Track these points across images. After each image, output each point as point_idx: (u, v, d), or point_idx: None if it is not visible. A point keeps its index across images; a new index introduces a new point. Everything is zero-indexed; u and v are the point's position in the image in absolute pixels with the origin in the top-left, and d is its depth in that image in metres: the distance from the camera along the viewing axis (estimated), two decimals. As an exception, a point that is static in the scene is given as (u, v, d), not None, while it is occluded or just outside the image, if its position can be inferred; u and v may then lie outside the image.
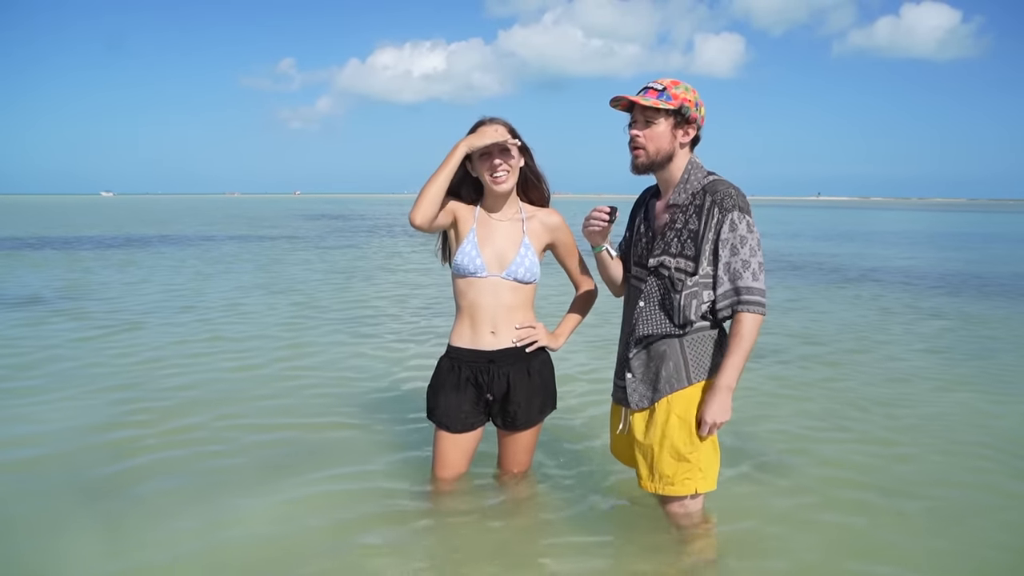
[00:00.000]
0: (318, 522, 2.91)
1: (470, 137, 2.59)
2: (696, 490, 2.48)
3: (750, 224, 2.36)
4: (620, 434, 2.66)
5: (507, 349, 2.72)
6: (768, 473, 3.46)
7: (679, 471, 2.45)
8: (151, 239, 19.71)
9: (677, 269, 2.41)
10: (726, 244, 2.34)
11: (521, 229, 2.73)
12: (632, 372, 2.54)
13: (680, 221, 2.43)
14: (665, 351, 2.47)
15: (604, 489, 3.24)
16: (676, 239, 2.42)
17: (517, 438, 2.87)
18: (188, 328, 6.89)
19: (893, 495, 3.22)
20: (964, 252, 18.48)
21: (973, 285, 11.20)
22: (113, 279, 10.70)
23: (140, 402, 4.43)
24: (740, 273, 2.34)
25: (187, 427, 4.01)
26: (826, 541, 2.83)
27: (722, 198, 2.35)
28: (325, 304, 8.57)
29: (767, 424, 4.16)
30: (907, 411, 4.48)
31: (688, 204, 2.42)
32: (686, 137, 2.42)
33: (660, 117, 2.39)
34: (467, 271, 2.67)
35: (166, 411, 4.28)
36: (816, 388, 5.01)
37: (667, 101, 2.36)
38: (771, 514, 3.02)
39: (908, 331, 7.26)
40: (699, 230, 2.37)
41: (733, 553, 2.68)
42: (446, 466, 2.87)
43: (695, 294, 2.40)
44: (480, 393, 2.77)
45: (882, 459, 3.67)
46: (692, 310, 2.40)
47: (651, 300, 2.49)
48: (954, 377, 5.40)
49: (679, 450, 2.43)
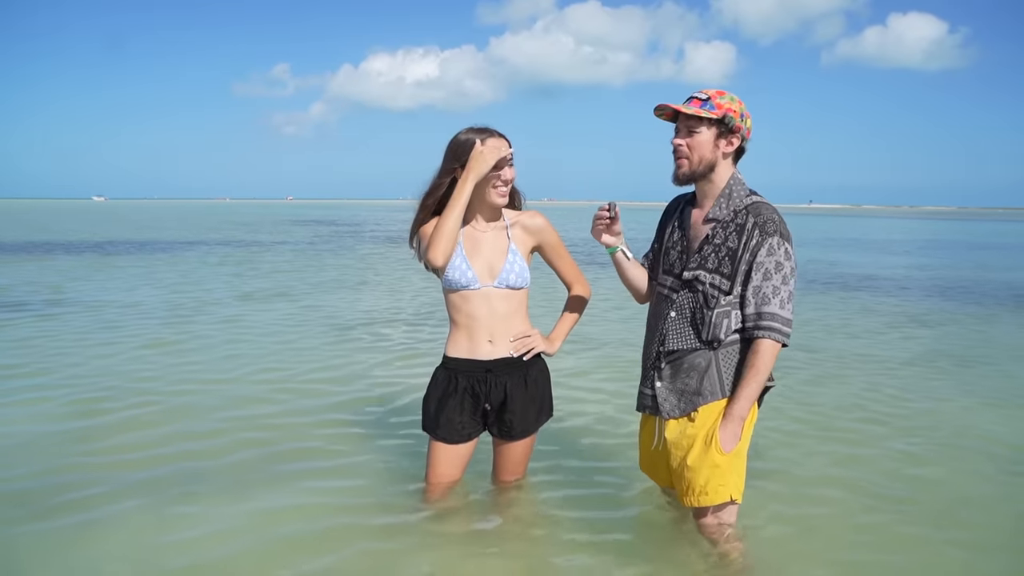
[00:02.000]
0: (307, 529, 2.89)
1: (475, 165, 2.54)
2: (731, 496, 2.46)
3: (788, 252, 2.34)
4: (654, 450, 2.62)
5: (504, 358, 2.71)
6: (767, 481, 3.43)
7: (712, 479, 2.42)
8: (124, 245, 19.45)
9: (712, 285, 2.39)
10: (760, 267, 2.33)
11: (506, 236, 2.72)
12: (662, 381, 2.51)
13: (720, 237, 2.40)
14: (699, 363, 2.44)
15: (606, 499, 3.20)
16: (714, 254, 2.40)
17: (513, 447, 2.85)
18: (151, 332, 6.78)
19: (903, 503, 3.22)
20: (956, 258, 18.74)
21: (962, 291, 11.33)
22: (75, 285, 10.51)
23: (101, 409, 4.35)
24: (769, 299, 2.33)
25: (156, 440, 3.88)
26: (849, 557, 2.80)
27: (765, 221, 2.34)
28: (314, 311, 8.48)
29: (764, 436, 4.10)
30: (899, 416, 4.50)
31: (729, 221, 2.40)
32: (729, 147, 2.40)
33: (703, 126, 2.38)
34: (460, 284, 2.66)
35: (139, 420, 4.21)
36: (801, 398, 4.98)
37: (711, 111, 2.35)
38: (776, 523, 2.98)
39: (903, 337, 7.31)
40: (738, 249, 2.35)
41: (763, 568, 2.64)
42: (440, 475, 2.85)
43: (727, 313, 2.38)
44: (477, 403, 2.75)
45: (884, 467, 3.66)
46: (723, 329, 2.38)
47: (683, 313, 2.47)
48: (950, 384, 5.42)
49: (713, 459, 2.41)
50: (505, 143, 2.60)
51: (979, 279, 13.45)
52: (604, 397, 4.81)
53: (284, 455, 3.70)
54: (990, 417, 4.59)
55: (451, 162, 2.61)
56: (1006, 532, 3.02)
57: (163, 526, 2.90)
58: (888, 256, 19.56)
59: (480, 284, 2.66)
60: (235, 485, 3.31)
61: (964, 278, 13.58)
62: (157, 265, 13.98)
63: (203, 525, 2.92)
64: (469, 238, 2.70)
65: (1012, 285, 12.52)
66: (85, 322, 7.41)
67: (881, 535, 2.93)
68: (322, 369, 5.53)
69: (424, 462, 2.90)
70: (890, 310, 9.30)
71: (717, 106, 2.36)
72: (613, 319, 7.95)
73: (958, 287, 12.05)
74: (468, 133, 2.61)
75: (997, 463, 3.77)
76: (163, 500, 3.12)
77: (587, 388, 5.04)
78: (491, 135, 2.60)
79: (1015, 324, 8.53)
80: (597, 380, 5.27)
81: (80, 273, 12.25)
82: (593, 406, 4.59)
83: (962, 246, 25.57)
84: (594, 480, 3.40)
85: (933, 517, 3.10)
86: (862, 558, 2.74)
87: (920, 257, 19.51)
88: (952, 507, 3.22)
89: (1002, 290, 11.73)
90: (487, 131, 2.61)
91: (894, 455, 3.85)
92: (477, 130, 2.61)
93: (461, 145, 2.59)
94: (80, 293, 9.64)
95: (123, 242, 20.50)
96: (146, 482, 3.30)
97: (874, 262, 17.23)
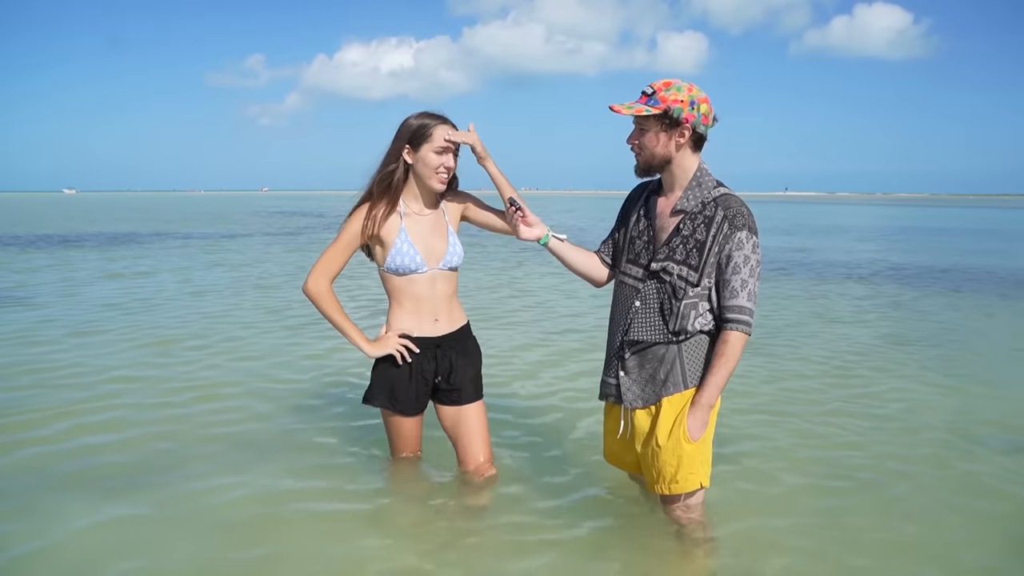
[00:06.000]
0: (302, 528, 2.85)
1: (372, 349, 2.78)
2: (701, 484, 2.50)
3: (755, 245, 2.38)
4: (620, 438, 2.64)
5: (450, 334, 2.87)
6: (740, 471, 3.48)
7: (681, 466, 2.46)
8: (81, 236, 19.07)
9: (680, 277, 2.41)
10: (729, 261, 2.36)
11: (444, 219, 2.83)
12: (626, 372, 2.53)
13: (688, 228, 2.42)
14: (664, 355, 2.47)
15: (572, 487, 3.22)
16: (682, 246, 2.42)
17: (467, 415, 2.93)
18: (113, 330, 6.66)
19: (876, 486, 3.29)
20: (921, 243, 19.06)
21: (928, 275, 11.55)
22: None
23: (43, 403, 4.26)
24: (737, 292, 2.36)
25: (110, 424, 3.95)
26: (812, 536, 2.86)
27: (734, 215, 2.36)
28: (253, 301, 8.40)
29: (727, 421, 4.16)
30: (858, 399, 4.58)
31: (698, 213, 2.41)
32: (681, 139, 2.39)
33: (650, 123, 2.39)
34: (407, 269, 2.73)
35: (92, 410, 4.21)
36: (766, 378, 5.06)
37: (654, 106, 2.34)
38: (753, 513, 3.03)
39: (868, 320, 7.44)
40: (706, 242, 2.38)
41: (729, 551, 2.69)
42: (407, 447, 3.02)
43: (694, 305, 2.41)
44: (427, 377, 2.87)
45: (845, 450, 3.73)
46: (690, 320, 2.41)
47: (649, 303, 2.48)
48: (915, 366, 5.54)
49: (682, 447, 2.44)
50: (451, 130, 2.68)
51: (946, 264, 13.71)
52: (569, 386, 4.83)
53: (231, 445, 3.71)
54: (956, 399, 4.71)
55: (399, 143, 2.71)
56: (960, 510, 3.10)
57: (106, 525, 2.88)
58: (856, 243, 19.88)
59: (427, 268, 2.75)
60: (184, 474, 3.32)
61: (927, 263, 13.83)
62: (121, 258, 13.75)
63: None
64: (412, 222, 2.77)
65: (967, 269, 12.80)
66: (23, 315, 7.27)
67: (842, 519, 2.98)
68: (263, 360, 5.49)
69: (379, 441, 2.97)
70: (858, 294, 9.46)
71: (661, 99, 2.34)
72: (584, 309, 7.99)
73: (925, 272, 12.28)
74: (421, 118, 2.70)
75: (956, 443, 3.86)
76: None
77: (554, 376, 5.06)
78: (442, 122, 2.68)
79: (973, 307, 8.73)
80: (564, 369, 5.30)
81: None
82: (557, 396, 4.60)
83: (926, 232, 26.05)
84: (561, 469, 3.41)
85: (891, 500, 3.17)
86: (824, 542, 2.79)
87: (885, 244, 19.86)
88: (912, 489, 3.30)
89: (966, 274, 11.99)
90: (438, 118, 2.69)
91: (858, 438, 3.93)
92: (430, 115, 2.70)
93: (411, 129, 2.69)
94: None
95: (78, 235, 20.08)
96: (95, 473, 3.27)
97: (841, 247, 17.50)
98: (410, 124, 2.70)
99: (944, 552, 2.75)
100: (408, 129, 2.70)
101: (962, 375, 5.33)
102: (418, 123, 2.68)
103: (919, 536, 2.87)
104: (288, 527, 2.85)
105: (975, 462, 3.61)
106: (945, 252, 16.66)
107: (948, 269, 12.86)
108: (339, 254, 2.77)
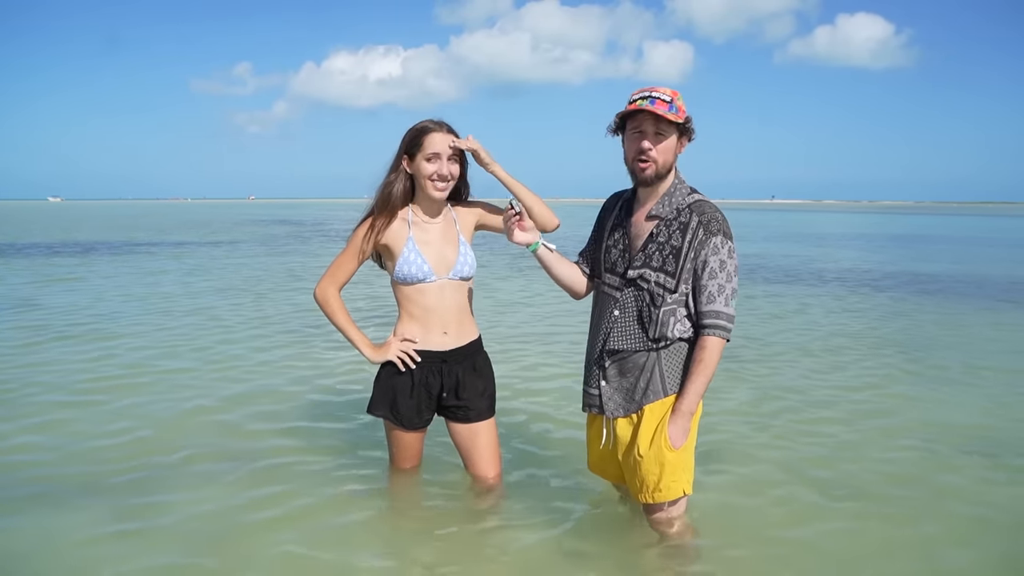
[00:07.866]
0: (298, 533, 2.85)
1: (375, 354, 2.77)
2: (683, 491, 2.50)
3: (731, 250, 2.39)
4: (603, 448, 2.64)
5: (457, 348, 2.79)
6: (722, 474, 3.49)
7: (664, 474, 2.46)
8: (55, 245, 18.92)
9: (657, 284, 2.41)
10: (705, 266, 2.36)
11: (455, 227, 2.77)
12: (607, 381, 2.53)
13: (663, 235, 2.42)
14: (644, 363, 2.47)
15: (558, 496, 3.21)
16: (658, 253, 2.42)
17: (477, 433, 2.89)
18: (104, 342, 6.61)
19: (859, 497, 3.30)
20: (910, 252, 19.20)
21: (916, 283, 11.63)
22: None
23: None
24: (715, 297, 2.37)
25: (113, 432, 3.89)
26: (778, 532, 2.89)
27: (709, 220, 2.37)
28: (260, 313, 8.33)
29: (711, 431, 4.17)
30: (845, 407, 4.61)
31: (673, 219, 2.42)
32: (682, 149, 2.43)
33: (672, 130, 2.37)
34: (415, 278, 2.69)
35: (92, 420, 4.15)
36: (747, 385, 5.08)
37: (675, 114, 2.34)
38: (736, 519, 3.03)
39: (846, 324, 7.47)
40: (682, 247, 2.38)
41: (711, 559, 2.70)
42: (407, 459, 2.99)
43: (673, 311, 2.41)
44: (432, 391, 2.81)
45: (840, 455, 3.75)
46: (670, 327, 2.41)
47: (627, 312, 2.48)
48: (892, 369, 5.58)
49: (664, 455, 2.44)
50: (444, 136, 2.65)
51: (928, 272, 13.84)
52: (556, 396, 4.82)
53: (240, 457, 3.65)
54: (929, 401, 4.78)
55: (399, 153, 2.72)
56: (929, 509, 3.15)
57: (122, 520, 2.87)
58: (840, 250, 20.03)
59: (436, 277, 2.70)
60: (180, 485, 3.30)
61: (909, 271, 13.95)
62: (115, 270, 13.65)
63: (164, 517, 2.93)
64: (420, 231, 2.73)
65: (941, 277, 12.91)
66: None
67: (825, 524, 3.00)
68: (265, 371, 5.46)
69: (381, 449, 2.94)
70: (842, 300, 9.52)
71: (679, 109, 2.35)
72: (566, 313, 8.00)
73: (906, 280, 12.38)
74: (416, 126, 2.70)
75: (933, 444, 3.91)
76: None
77: (541, 386, 5.06)
78: (435, 129, 2.66)
79: (940, 312, 8.81)
80: (551, 377, 5.30)
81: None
82: (545, 405, 4.60)
83: (912, 240, 26.28)
84: (547, 478, 3.41)
85: (874, 505, 3.18)
86: (807, 547, 2.81)
87: (869, 252, 20.02)
88: (886, 487, 3.34)
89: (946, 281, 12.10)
90: (433, 125, 2.67)
91: (836, 440, 3.97)
92: (425, 123, 2.69)
93: (407, 139, 2.68)
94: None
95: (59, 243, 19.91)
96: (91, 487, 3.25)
97: (825, 255, 17.62)
98: (407, 134, 2.70)
99: (928, 555, 2.78)
100: (405, 139, 2.70)
101: (941, 380, 5.37)
102: (412, 133, 2.68)
103: (903, 540, 2.88)
104: (277, 535, 2.83)
105: (957, 467, 3.64)
106: (926, 259, 16.79)
107: (936, 275, 12.96)
108: (346, 263, 2.77)
